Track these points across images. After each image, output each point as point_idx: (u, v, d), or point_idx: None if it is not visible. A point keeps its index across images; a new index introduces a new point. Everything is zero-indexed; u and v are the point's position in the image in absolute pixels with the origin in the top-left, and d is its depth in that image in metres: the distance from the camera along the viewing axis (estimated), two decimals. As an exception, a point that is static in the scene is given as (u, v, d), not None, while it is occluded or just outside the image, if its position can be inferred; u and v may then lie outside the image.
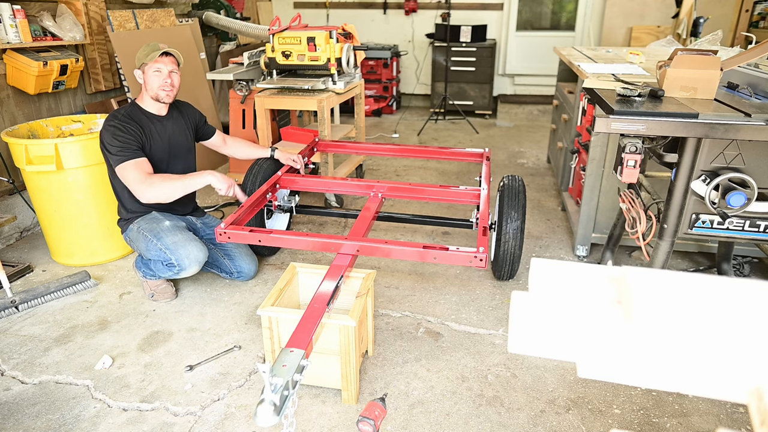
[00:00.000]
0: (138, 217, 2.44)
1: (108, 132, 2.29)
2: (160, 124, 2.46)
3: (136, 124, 2.35)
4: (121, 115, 2.35)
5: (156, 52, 2.34)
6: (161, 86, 2.38)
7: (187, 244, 2.31)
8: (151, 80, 2.37)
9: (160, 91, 2.39)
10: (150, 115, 2.44)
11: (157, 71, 2.36)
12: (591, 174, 2.65)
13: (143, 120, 2.40)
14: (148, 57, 2.33)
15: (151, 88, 2.38)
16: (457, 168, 4.32)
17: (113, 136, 2.28)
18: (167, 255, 2.29)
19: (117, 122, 2.31)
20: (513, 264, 2.46)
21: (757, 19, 5.08)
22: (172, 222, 2.41)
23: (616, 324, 0.46)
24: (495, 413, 1.80)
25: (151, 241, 2.34)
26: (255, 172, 2.75)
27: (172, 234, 2.33)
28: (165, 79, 2.37)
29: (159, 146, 2.44)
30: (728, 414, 1.80)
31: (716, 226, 1.82)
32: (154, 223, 2.39)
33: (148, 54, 2.34)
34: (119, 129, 2.29)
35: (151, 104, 2.44)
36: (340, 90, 3.26)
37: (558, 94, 3.92)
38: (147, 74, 2.37)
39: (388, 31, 6.54)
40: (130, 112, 2.39)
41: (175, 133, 2.52)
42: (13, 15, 2.89)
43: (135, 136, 2.32)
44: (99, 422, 1.77)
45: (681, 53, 1.78)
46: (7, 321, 2.32)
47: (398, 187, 2.57)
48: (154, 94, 2.39)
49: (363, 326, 1.97)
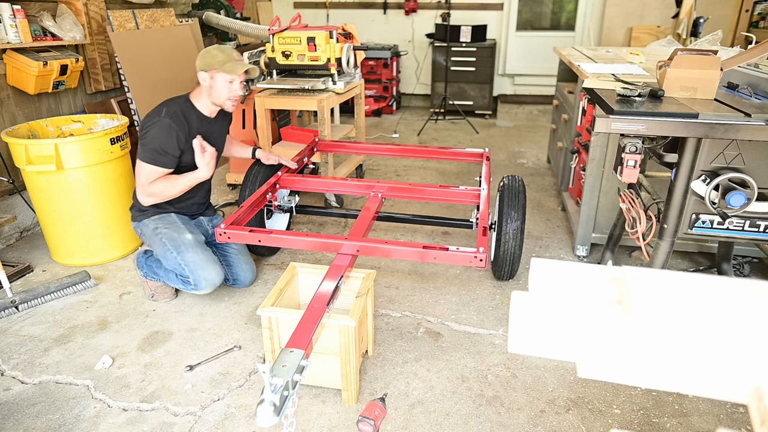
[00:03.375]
0: (154, 213, 2.39)
1: (155, 126, 2.22)
2: (207, 126, 2.42)
3: (185, 128, 2.29)
4: (174, 113, 2.27)
5: (236, 65, 2.26)
6: (229, 97, 2.34)
7: (208, 266, 2.28)
8: (221, 89, 2.31)
9: (227, 102, 2.35)
10: (201, 117, 2.39)
11: (229, 81, 2.30)
12: (591, 174, 2.65)
13: (194, 122, 2.34)
14: (225, 67, 2.25)
15: (218, 97, 2.33)
16: (457, 168, 4.32)
17: (158, 134, 2.20)
18: (185, 272, 2.28)
19: (170, 121, 2.23)
20: (513, 264, 2.46)
21: (757, 19, 5.08)
22: (193, 235, 2.35)
23: (616, 324, 0.46)
24: (495, 413, 1.80)
25: (169, 251, 2.30)
26: (255, 172, 2.75)
27: (193, 251, 2.29)
28: (236, 91, 2.33)
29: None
30: (728, 414, 1.80)
31: (716, 226, 1.82)
32: (175, 232, 2.33)
33: (224, 63, 2.26)
34: (169, 130, 2.22)
35: (206, 106, 2.38)
36: (340, 90, 3.26)
37: (558, 94, 3.92)
38: (216, 81, 2.29)
39: (388, 31, 6.54)
40: (185, 111, 2.32)
41: (217, 136, 2.50)
42: (13, 15, 2.88)
43: (179, 143, 2.26)
44: (99, 422, 1.77)
45: (681, 53, 1.78)
46: (7, 321, 2.32)
47: (398, 187, 2.57)
48: (220, 102, 2.35)
49: (363, 326, 1.97)
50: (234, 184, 3.85)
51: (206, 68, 2.28)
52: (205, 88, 2.34)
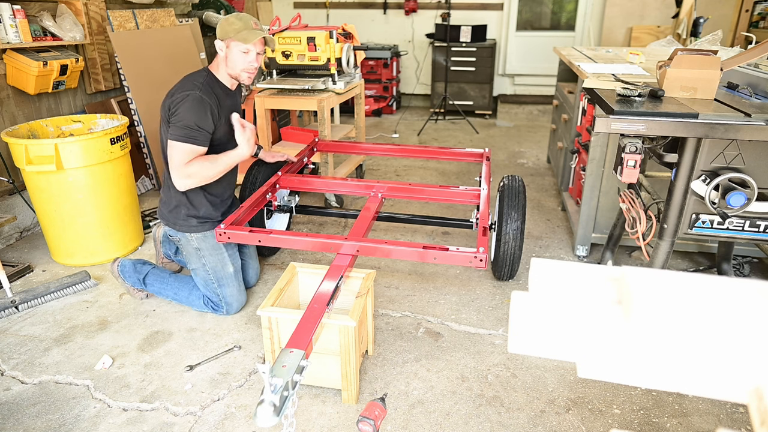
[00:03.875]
0: (196, 225, 2.26)
1: (186, 101, 2.07)
2: (230, 98, 2.30)
3: (216, 100, 2.17)
4: (201, 84, 2.14)
5: (251, 33, 2.12)
6: (245, 68, 2.20)
7: (240, 295, 2.36)
8: (236, 59, 2.17)
9: (243, 73, 2.22)
10: (224, 88, 2.27)
11: (245, 52, 2.16)
12: (591, 174, 2.65)
13: (220, 94, 2.23)
14: (239, 35, 2.12)
15: (233, 67, 2.20)
16: (457, 168, 4.32)
17: (191, 111, 2.06)
18: (220, 302, 2.32)
19: (199, 93, 2.09)
20: (513, 264, 2.46)
21: (757, 19, 5.08)
22: (234, 266, 2.33)
23: (615, 324, 0.46)
24: (495, 413, 1.80)
25: (212, 281, 2.30)
26: (255, 172, 2.75)
27: (233, 285, 2.32)
28: (251, 63, 2.20)
29: (226, 123, 2.27)
30: (728, 414, 1.80)
31: (716, 226, 1.82)
32: (219, 263, 2.29)
33: (240, 31, 2.12)
34: (201, 104, 2.09)
35: (226, 77, 2.26)
36: (340, 90, 3.26)
37: (558, 94, 3.92)
38: (231, 50, 2.16)
39: (388, 31, 6.54)
40: (210, 83, 2.20)
41: (237, 108, 2.37)
42: (13, 15, 2.88)
43: (213, 117, 2.14)
44: (99, 422, 1.77)
45: (681, 53, 1.78)
46: (7, 321, 2.32)
47: (398, 187, 2.57)
48: (235, 73, 2.22)
49: (363, 326, 1.97)
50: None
51: (222, 36, 2.16)
52: (222, 59, 2.22)
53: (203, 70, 2.26)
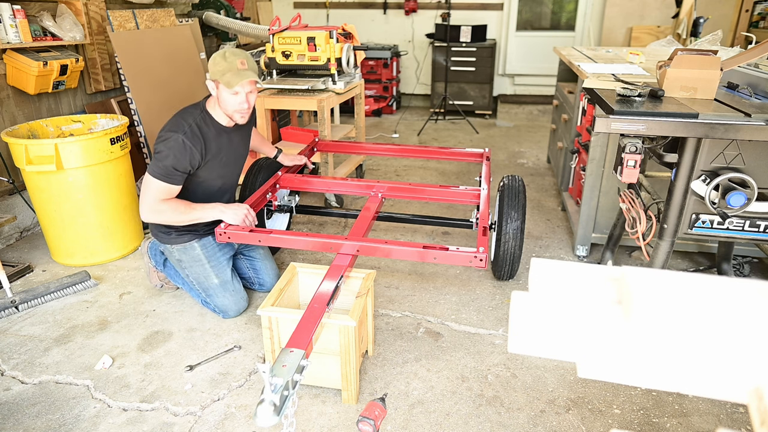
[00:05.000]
0: (176, 237, 2.25)
1: (169, 140, 2.07)
2: (227, 136, 2.26)
3: (200, 144, 2.13)
4: (190, 127, 2.11)
5: (234, 78, 2.06)
6: (237, 109, 2.16)
7: (237, 302, 2.32)
8: (226, 100, 2.14)
9: (235, 114, 2.18)
10: (219, 127, 2.22)
11: (234, 93, 2.12)
12: (591, 174, 2.65)
13: (210, 134, 2.18)
14: (224, 78, 2.06)
15: (225, 108, 2.16)
16: (457, 168, 4.32)
17: (171, 152, 2.05)
18: (215, 309, 2.32)
19: (184, 138, 2.07)
20: (513, 264, 2.46)
21: (757, 19, 5.08)
22: (219, 278, 2.29)
23: (615, 324, 0.46)
24: (495, 413, 1.80)
25: (198, 293, 2.32)
26: (255, 172, 2.75)
27: (222, 295, 2.29)
28: (242, 103, 2.14)
29: (221, 161, 2.25)
30: (728, 414, 1.80)
31: (716, 226, 1.82)
32: (201, 274, 2.28)
33: (224, 74, 2.07)
34: (182, 149, 2.07)
35: (222, 116, 2.22)
36: (340, 90, 3.26)
37: (558, 94, 3.92)
38: (221, 92, 2.13)
39: (388, 31, 6.54)
40: (201, 123, 2.16)
41: (240, 144, 2.36)
42: (13, 15, 2.88)
43: (192, 162, 2.11)
44: (99, 422, 1.77)
45: (681, 53, 1.78)
46: (7, 321, 2.32)
47: (398, 187, 2.57)
48: (228, 113, 2.18)
49: (363, 326, 1.97)
50: (234, 184, 3.85)
51: (212, 77, 2.13)
52: (215, 98, 2.20)
53: (199, 105, 2.23)
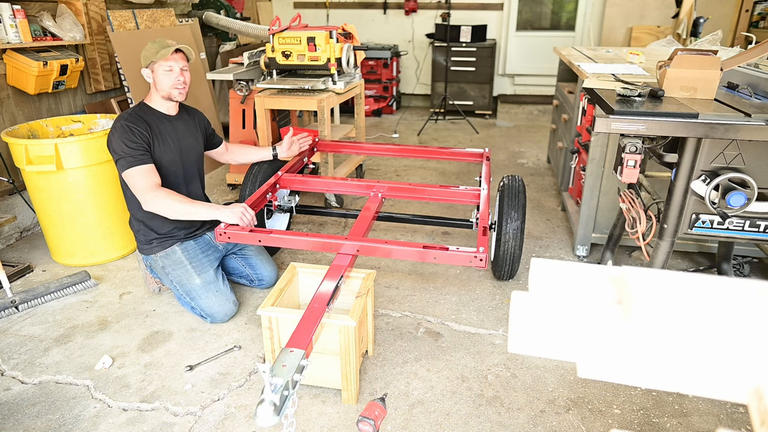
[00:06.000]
0: (157, 246, 2.32)
1: (115, 134, 2.18)
2: (170, 123, 2.33)
3: (144, 124, 2.22)
4: (128, 115, 2.23)
5: (166, 49, 2.19)
6: (173, 85, 2.26)
7: (223, 305, 2.30)
8: (162, 79, 2.24)
9: (173, 90, 2.27)
10: (159, 115, 2.31)
11: (168, 70, 2.23)
12: (591, 174, 2.65)
13: (152, 119, 2.27)
14: (158, 55, 2.19)
15: (162, 88, 2.26)
16: (457, 168, 4.32)
17: (120, 139, 2.16)
18: (202, 313, 2.30)
19: (123, 122, 2.18)
20: (513, 264, 2.46)
21: (757, 19, 5.08)
22: (201, 277, 2.30)
23: (615, 324, 0.46)
24: (495, 413, 1.80)
25: (182, 296, 2.32)
26: (255, 172, 2.75)
27: (206, 296, 2.28)
28: (177, 78, 2.25)
29: (169, 147, 2.31)
30: (728, 414, 1.80)
31: (716, 226, 1.82)
32: (184, 276, 2.30)
33: (157, 51, 2.20)
34: (126, 130, 2.17)
35: (161, 103, 2.32)
36: (340, 90, 3.26)
37: (558, 94, 3.92)
38: (157, 73, 2.24)
39: (388, 31, 6.54)
40: (138, 111, 2.27)
41: (186, 135, 2.40)
42: (13, 15, 2.88)
43: (142, 137, 2.19)
44: (99, 422, 1.77)
45: (681, 53, 1.78)
46: (7, 321, 2.32)
47: (398, 187, 2.57)
48: (166, 93, 2.27)
49: (363, 326, 1.97)
50: (234, 184, 3.85)
51: (146, 64, 2.24)
52: (152, 85, 2.29)
53: (138, 104, 2.34)
